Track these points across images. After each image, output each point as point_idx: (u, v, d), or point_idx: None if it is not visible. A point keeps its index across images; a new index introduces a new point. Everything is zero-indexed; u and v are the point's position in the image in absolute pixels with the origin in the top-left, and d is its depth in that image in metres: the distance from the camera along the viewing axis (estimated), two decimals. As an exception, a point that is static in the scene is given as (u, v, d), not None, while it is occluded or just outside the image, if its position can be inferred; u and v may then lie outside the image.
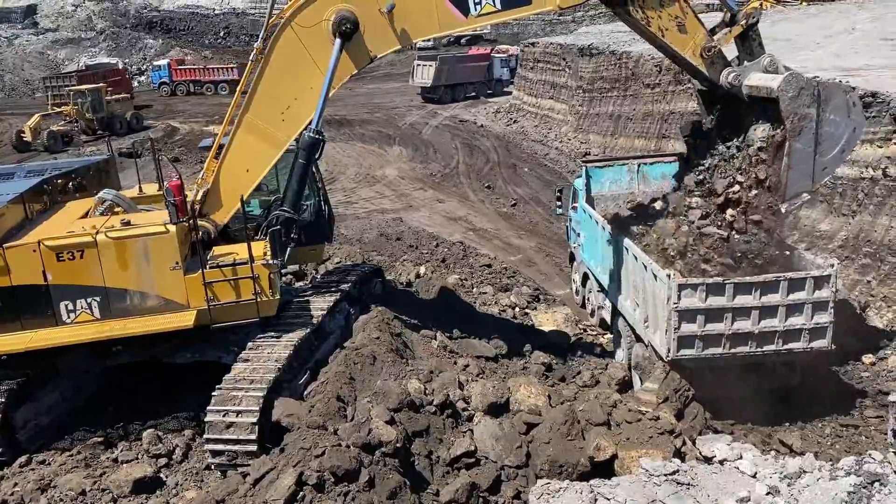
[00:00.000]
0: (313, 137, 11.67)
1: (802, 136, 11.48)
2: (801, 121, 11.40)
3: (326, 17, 11.29)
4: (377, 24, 11.33)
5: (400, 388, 10.35)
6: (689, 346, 12.18)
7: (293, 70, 11.48)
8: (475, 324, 15.52)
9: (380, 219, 25.20)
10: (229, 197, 11.73)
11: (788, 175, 11.64)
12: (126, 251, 10.67)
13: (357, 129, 43.09)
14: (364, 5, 11.27)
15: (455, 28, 11.83)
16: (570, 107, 38.11)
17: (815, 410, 12.87)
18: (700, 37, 12.15)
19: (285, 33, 11.39)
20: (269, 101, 11.56)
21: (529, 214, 27.06)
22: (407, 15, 11.38)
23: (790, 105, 11.32)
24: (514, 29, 76.69)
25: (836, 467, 3.82)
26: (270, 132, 11.64)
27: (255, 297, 11.04)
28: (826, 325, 12.21)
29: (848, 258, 17.00)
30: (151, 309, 10.87)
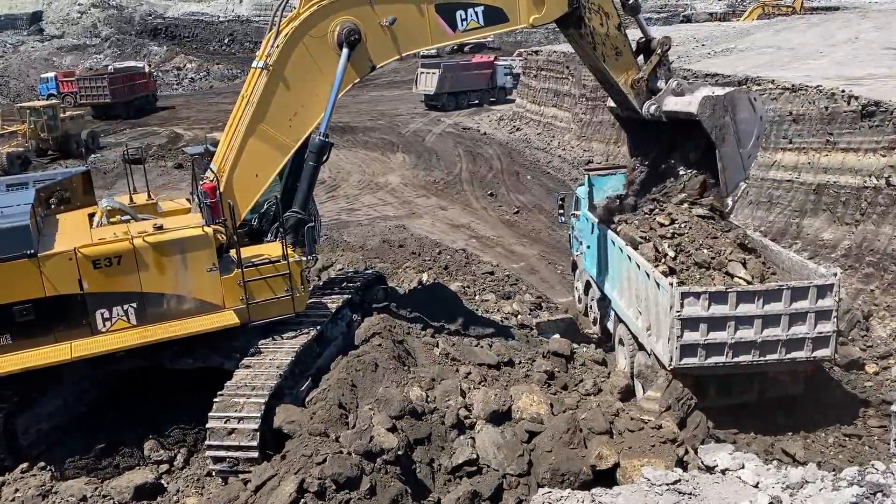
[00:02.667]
0: (323, 141, 12.20)
1: (726, 141, 13.54)
2: (722, 130, 13.48)
3: (332, 29, 11.98)
4: (378, 36, 12.25)
5: (402, 396, 10.35)
6: (692, 355, 12.16)
7: (301, 78, 12.02)
8: (478, 332, 15.51)
9: (383, 226, 25.22)
10: (240, 201, 11.98)
11: (725, 174, 13.73)
12: (163, 255, 10.75)
13: (360, 136, 43.18)
14: (367, 18, 12.12)
15: (445, 41, 13.29)
16: (572, 115, 38.16)
17: (818, 420, 12.83)
18: (633, 70, 14.18)
19: (294, 43, 11.91)
20: (278, 109, 12.00)
21: (532, 222, 27.07)
22: (404, 29, 12.40)
23: (709, 122, 13.37)
24: (517, 37, 76.86)
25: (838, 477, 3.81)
26: (279, 138, 12.04)
27: (290, 294, 11.40)
28: (829, 334, 12.18)
29: (851, 267, 16.98)
30: (188, 311, 10.98)
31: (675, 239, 14.07)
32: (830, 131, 19.19)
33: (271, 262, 11.39)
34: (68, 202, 13.17)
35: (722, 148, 13.51)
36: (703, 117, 13.33)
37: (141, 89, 55.59)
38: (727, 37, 37.92)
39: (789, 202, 20.08)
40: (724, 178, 13.73)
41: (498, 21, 13.11)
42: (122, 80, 53.37)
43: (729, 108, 13.46)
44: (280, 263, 11.37)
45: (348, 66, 12.03)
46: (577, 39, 13.79)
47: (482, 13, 12.83)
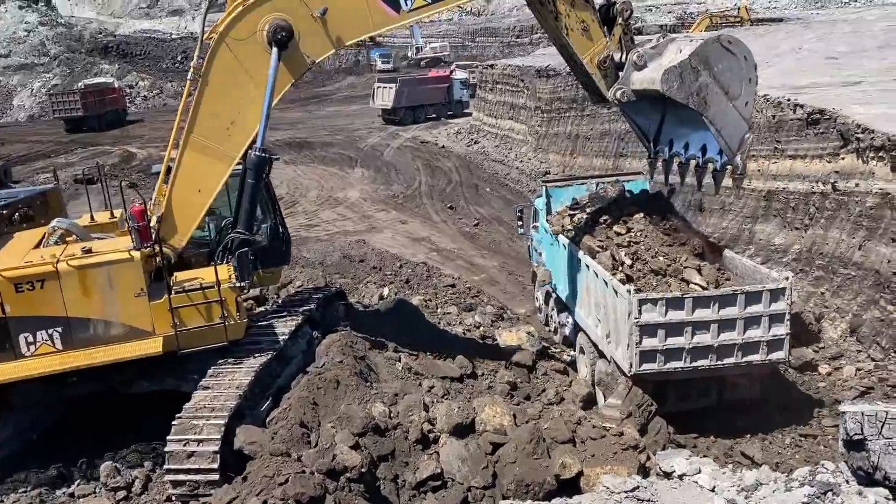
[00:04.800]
0: (259, 156, 11.64)
1: (710, 102, 12.07)
2: (700, 93, 11.98)
3: (260, 28, 11.29)
4: (312, 30, 11.43)
5: (364, 412, 10.26)
6: (651, 361, 12.33)
7: (232, 85, 11.45)
8: (440, 344, 15.50)
9: (342, 241, 25.07)
10: (183, 220, 11.58)
11: (723, 136, 12.29)
12: (89, 279, 10.46)
13: (318, 152, 42.98)
14: (296, 12, 11.33)
15: (389, 25, 11.99)
16: (529, 127, 38.57)
17: (774, 421, 13.08)
18: (600, 46, 12.60)
19: (219, 48, 11.36)
20: (213, 119, 11.47)
21: (492, 234, 27.21)
22: (340, 17, 11.50)
23: (681, 92, 11.92)
24: (472, 52, 77.57)
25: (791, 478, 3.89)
26: (218, 149, 11.52)
27: (223, 321, 10.94)
28: (783, 336, 12.47)
29: (802, 271, 17.41)
30: (116, 337, 10.66)
31: (631, 247, 14.29)
32: (778, 139, 19.72)
33: (202, 288, 10.91)
34: (31, 220, 12.88)
35: (708, 111, 12.08)
36: (672, 92, 11.94)
37: (112, 104, 58.55)
38: (677, 48, 38.66)
39: (741, 209, 20.55)
40: (723, 141, 12.31)
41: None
42: (93, 95, 56.41)
43: (701, 66, 11.91)
44: (211, 290, 10.85)
45: (283, 67, 11.40)
46: (539, 9, 12.50)
47: None
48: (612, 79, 12.68)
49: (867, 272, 15.53)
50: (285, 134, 47.68)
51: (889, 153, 15.39)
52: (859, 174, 16.38)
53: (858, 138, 16.46)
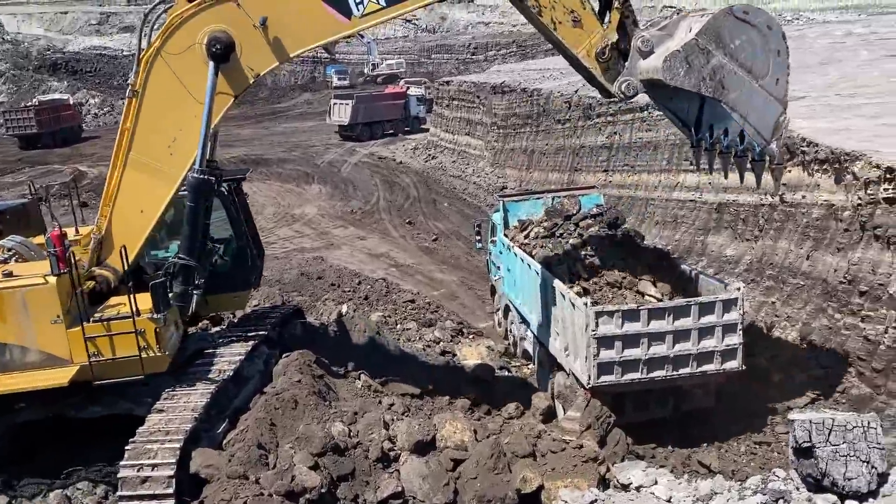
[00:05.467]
0: (197, 178, 10.96)
1: (728, 85, 10.54)
2: (714, 77, 10.43)
3: (199, 41, 10.63)
4: (254, 41, 10.66)
5: (323, 432, 10.16)
6: (609, 373, 12.45)
7: (170, 101, 10.92)
8: (400, 361, 15.43)
9: (300, 258, 24.85)
10: (125, 241, 11.11)
11: (751, 121, 10.80)
12: (4, 303, 10.15)
13: (274, 168, 42.62)
14: (237, 22, 10.60)
15: (340, 32, 11.03)
16: (485, 142, 38.87)
17: (730, 430, 13.29)
18: (596, 37, 10.95)
19: (155, 63, 10.83)
20: (152, 136, 11.01)
21: (451, 248, 27.28)
22: (284, 26, 10.68)
23: (690, 79, 10.44)
24: (428, 68, 78.02)
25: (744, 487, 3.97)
26: (160, 168, 11.05)
27: (139, 354, 10.43)
28: (736, 346, 12.72)
29: (753, 281, 17.81)
30: (32, 364, 10.33)
31: (587, 260, 14.48)
32: (727, 153, 20.19)
33: (119, 318, 10.43)
34: (1, 235, 12.44)
35: (727, 97, 10.63)
36: (678, 80, 10.45)
37: (67, 120, 57.94)
38: (629, 65, 39.50)
39: (693, 221, 20.98)
40: (751, 129, 10.87)
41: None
42: (48, 112, 55.85)
43: (712, 45, 10.35)
44: (127, 320, 10.34)
45: (223, 82, 10.76)
46: (521, 6, 11.15)
47: None
48: (616, 70, 11.04)
49: (815, 281, 15.95)
50: (240, 150, 47.20)
51: (832, 166, 15.88)
52: (805, 186, 16.87)
53: (804, 151, 16.96)
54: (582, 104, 29.58)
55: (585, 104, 29.25)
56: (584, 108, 29.21)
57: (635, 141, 25.24)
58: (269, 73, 11.51)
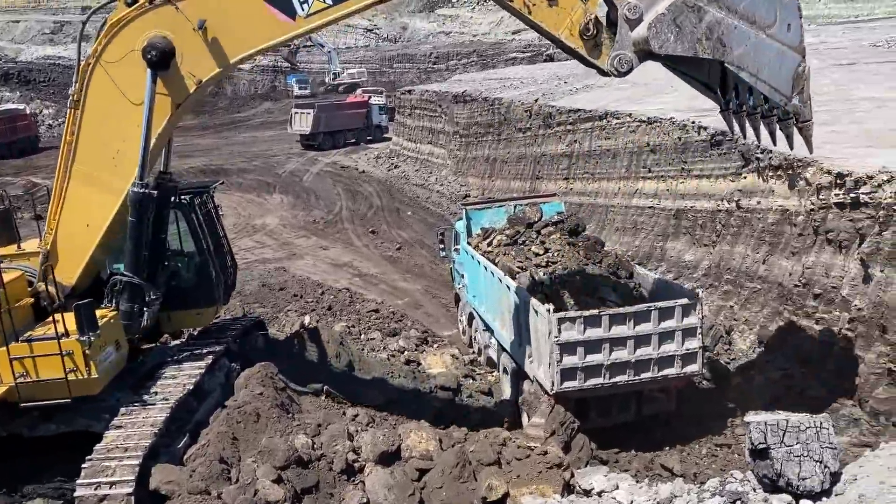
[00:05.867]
0: (137, 192, 10.52)
1: (729, 42, 9.38)
2: (711, 35, 9.27)
3: (137, 48, 10.13)
4: (195, 46, 10.13)
5: (286, 445, 10.02)
6: (572, 378, 12.55)
7: (111, 111, 10.50)
8: (364, 371, 15.35)
9: (261, 269, 24.56)
10: (71, 256, 10.80)
11: (763, 78, 9.65)
12: None
13: (234, 178, 42.12)
14: (176, 27, 10.05)
15: (285, 34, 10.36)
16: (448, 151, 38.99)
17: (691, 433, 13.50)
18: (577, 13, 9.81)
19: (95, 72, 10.44)
20: (96, 148, 10.61)
21: (414, 257, 27.24)
22: (226, 29, 10.10)
23: (682, 43, 9.32)
24: (390, 77, 78.03)
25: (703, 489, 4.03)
26: (105, 180, 10.66)
27: (65, 376, 9.99)
28: (696, 350, 12.93)
29: (712, 286, 18.13)
30: None
31: (549, 267, 14.60)
32: (685, 160, 20.59)
33: (45, 339, 9.98)
34: None
35: (731, 56, 9.47)
36: (669, 46, 9.33)
37: (23, 131, 57.07)
38: (587, 74, 40.02)
39: (652, 227, 21.30)
40: (765, 86, 9.72)
41: None
42: (3, 122, 54.91)
43: (703, 0, 9.27)
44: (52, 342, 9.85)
45: (164, 90, 10.27)
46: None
47: None
48: (606, 45, 9.94)
49: (771, 285, 16.30)
50: (199, 161, 46.60)
51: (786, 172, 16.27)
52: (760, 192, 17.26)
53: (758, 158, 17.36)
54: (542, 113, 29.88)
55: (545, 113, 29.55)
56: (545, 117, 29.51)
57: (595, 149, 25.56)
58: (216, 80, 11.07)
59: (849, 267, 13.85)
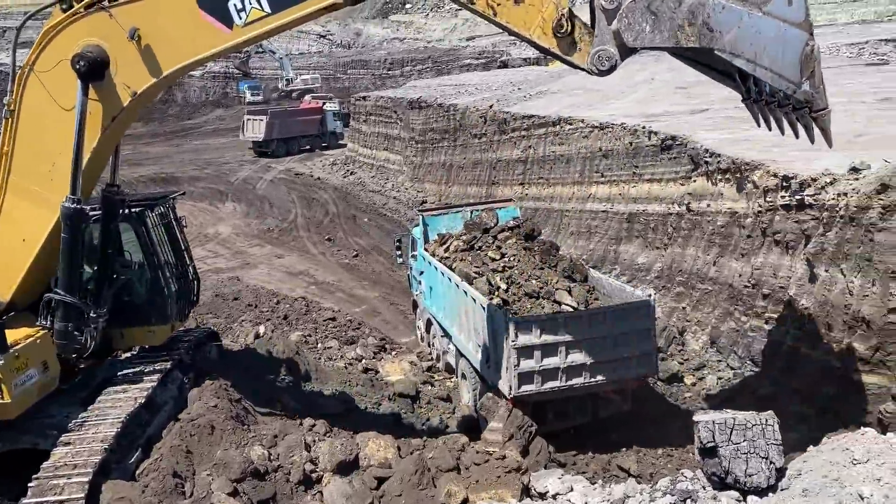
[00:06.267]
0: (69, 208, 9.96)
1: (717, 26, 8.13)
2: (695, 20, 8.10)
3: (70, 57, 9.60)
4: (129, 55, 9.55)
5: (242, 457, 9.88)
6: (529, 382, 12.63)
7: (46, 122, 10.02)
8: (321, 380, 15.22)
9: (214, 279, 24.16)
10: (7, 271, 10.34)
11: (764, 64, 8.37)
12: None
13: (186, 187, 41.27)
14: (110, 35, 9.45)
15: (222, 44, 9.66)
16: (404, 157, 38.99)
17: (647, 433, 13.70)
18: (549, 9, 8.80)
19: (29, 81, 9.93)
20: (31, 160, 10.13)
21: (372, 264, 27.12)
22: (160, 38, 9.51)
23: (662, 35, 8.23)
24: (344, 84, 77.70)
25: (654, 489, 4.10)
26: (42, 194, 10.14)
27: None
28: (650, 351, 13.14)
29: (664, 287, 18.47)
30: None
31: (506, 272, 14.68)
32: (636, 164, 20.96)
33: None
34: None
35: (722, 42, 8.21)
36: (646, 39, 8.36)
37: None
38: (541, 80, 40.51)
39: (606, 231, 21.61)
40: (767, 72, 8.41)
41: (291, 2, 9.42)
42: None
43: None
44: None
45: (99, 101, 9.74)
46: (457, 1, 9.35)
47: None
48: (586, 41, 8.89)
49: (722, 286, 16.67)
50: (149, 169, 45.71)
51: (734, 175, 16.68)
52: (710, 195, 17.65)
53: (707, 162, 17.76)
54: (497, 119, 30.11)
55: (500, 119, 29.78)
56: (500, 123, 29.73)
57: (549, 154, 25.86)
58: (155, 94, 10.56)
59: (795, 267, 14.25)
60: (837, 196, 13.20)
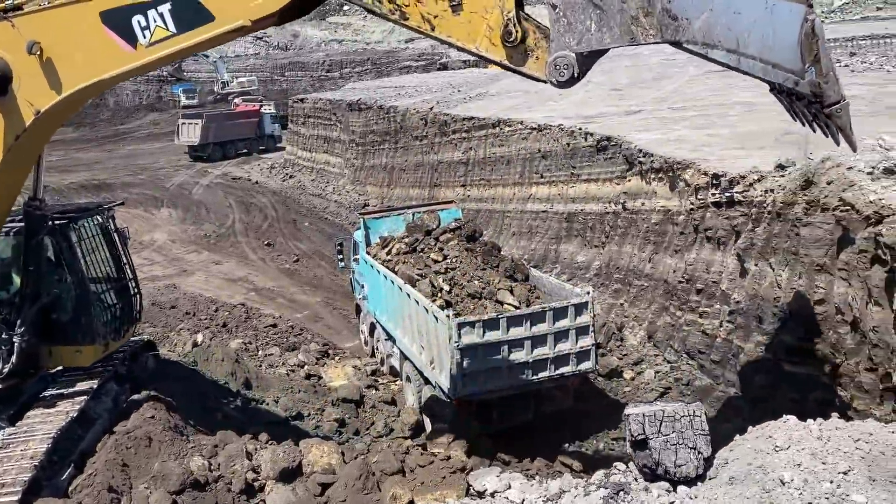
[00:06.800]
0: None
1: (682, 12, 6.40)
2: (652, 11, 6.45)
3: None
4: (31, 70, 8.84)
5: (181, 468, 9.65)
6: (473, 382, 12.70)
7: None
8: (263, 388, 15.00)
9: (150, 287, 23.50)
10: None
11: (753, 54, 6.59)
12: None
13: (119, 193, 40.19)
14: (13, 47, 8.72)
15: (127, 64, 8.89)
16: (345, 160, 38.73)
17: (589, 428, 13.95)
18: (494, 15, 7.46)
19: None
20: None
21: (313, 269, 26.86)
22: (62, 54, 8.81)
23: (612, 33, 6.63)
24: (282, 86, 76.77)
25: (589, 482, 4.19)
26: None
27: None
28: (590, 347, 13.37)
29: (603, 285, 18.82)
30: None
31: (448, 273, 14.74)
32: (574, 165, 21.31)
33: None
34: None
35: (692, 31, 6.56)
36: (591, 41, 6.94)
37: None
38: (480, 82, 40.80)
39: (546, 231, 21.91)
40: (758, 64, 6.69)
41: (197, 23, 8.61)
42: None
43: None
44: None
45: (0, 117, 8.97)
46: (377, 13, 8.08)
47: (170, 14, 8.54)
48: (542, 48, 7.51)
49: (658, 282, 17.09)
50: (81, 176, 44.29)
51: (667, 174, 17.12)
52: (644, 194, 18.08)
53: (641, 162, 18.18)
54: (437, 121, 30.20)
55: (441, 121, 29.88)
56: (440, 125, 29.83)
57: (489, 156, 26.07)
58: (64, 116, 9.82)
59: (727, 262, 14.71)
60: (765, 192, 13.67)
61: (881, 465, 3.76)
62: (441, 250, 15.77)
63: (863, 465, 3.71)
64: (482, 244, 16.10)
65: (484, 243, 16.25)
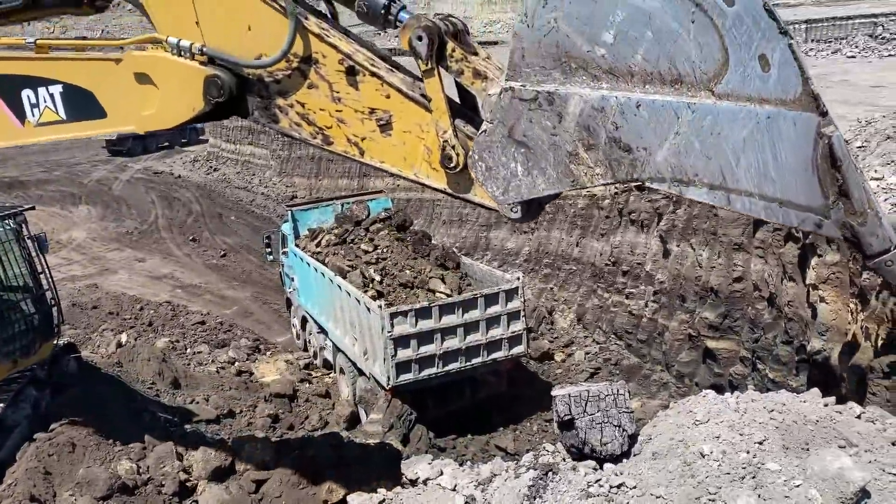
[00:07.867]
0: None
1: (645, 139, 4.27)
2: (596, 141, 4.38)
3: None
4: None
5: (108, 473, 9.34)
6: (407, 371, 12.74)
7: None
8: (192, 387, 14.65)
9: (70, 287, 22.61)
10: None
11: (754, 193, 4.26)
12: None
13: (33, 191, 38.49)
14: None
15: (14, 139, 8.02)
16: (271, 151, 37.97)
17: (523, 412, 14.19)
18: (430, 135, 5.34)
19: None
20: None
21: (241, 263, 26.32)
22: None
23: (544, 176, 4.64)
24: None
25: (519, 465, 4.27)
26: None
27: None
28: (521, 332, 13.58)
29: (533, 270, 19.13)
30: None
31: (379, 264, 14.70)
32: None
33: None
34: None
35: (650, 167, 4.29)
36: (519, 191, 4.78)
37: None
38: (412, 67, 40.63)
39: (476, 218, 22.09)
40: (762, 203, 4.17)
41: (88, 116, 7.51)
42: None
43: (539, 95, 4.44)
44: None
45: None
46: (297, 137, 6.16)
47: (62, 98, 7.61)
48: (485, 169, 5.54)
49: (585, 266, 17.48)
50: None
51: (592, 159, 17.49)
52: (570, 179, 18.42)
53: (566, 148, 18.51)
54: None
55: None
56: (367, 114, 29.58)
57: (418, 144, 26.02)
58: None
59: (650, 244, 15.16)
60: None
61: (793, 433, 3.96)
62: (371, 241, 15.71)
63: (777, 435, 3.90)
64: (413, 233, 16.11)
65: (414, 232, 16.26)
